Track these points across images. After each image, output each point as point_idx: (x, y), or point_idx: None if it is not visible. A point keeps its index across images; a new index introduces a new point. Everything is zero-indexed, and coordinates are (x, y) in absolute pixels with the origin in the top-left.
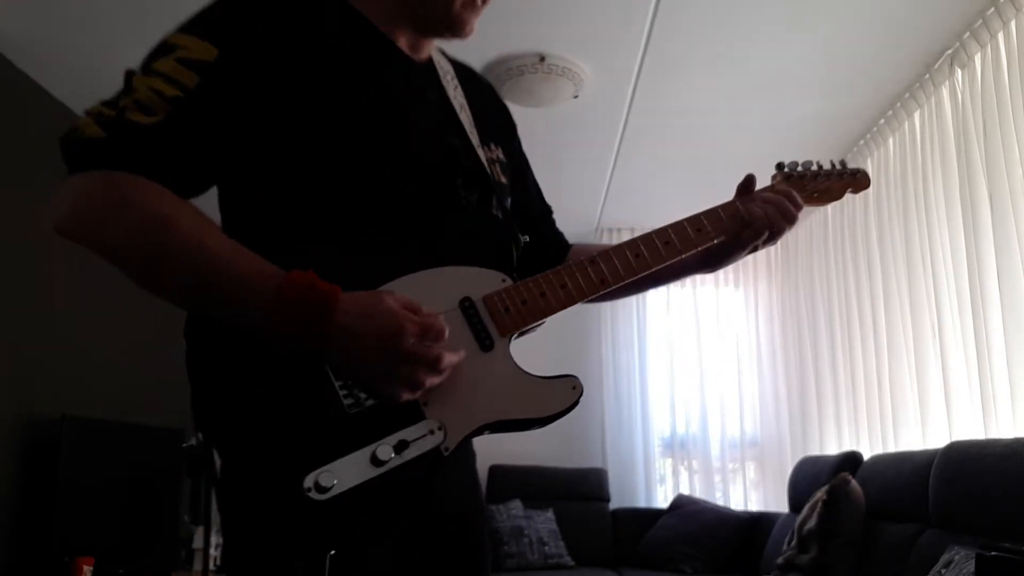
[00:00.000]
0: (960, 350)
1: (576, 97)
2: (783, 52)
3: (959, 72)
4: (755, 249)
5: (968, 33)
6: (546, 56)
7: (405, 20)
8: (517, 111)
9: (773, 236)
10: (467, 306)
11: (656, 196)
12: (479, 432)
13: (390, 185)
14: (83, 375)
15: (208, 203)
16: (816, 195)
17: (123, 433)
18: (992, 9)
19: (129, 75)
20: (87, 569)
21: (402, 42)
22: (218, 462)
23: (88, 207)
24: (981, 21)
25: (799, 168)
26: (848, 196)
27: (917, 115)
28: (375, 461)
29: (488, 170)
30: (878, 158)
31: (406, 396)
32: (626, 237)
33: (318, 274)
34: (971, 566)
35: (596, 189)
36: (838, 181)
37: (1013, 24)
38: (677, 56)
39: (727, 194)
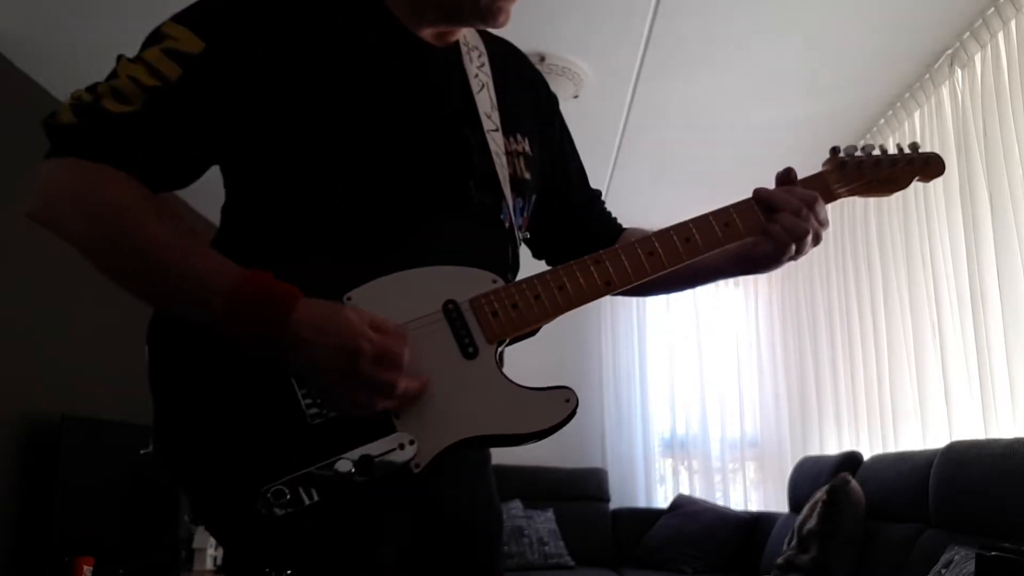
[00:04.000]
0: (960, 350)
1: (576, 97)
2: (783, 52)
3: (959, 72)
4: (799, 252)
5: (968, 33)
6: (546, 56)
7: (434, 11)
8: None
9: (796, 239)
10: (451, 309)
11: (656, 196)
12: (458, 448)
13: (382, 187)
14: (83, 375)
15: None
16: (876, 184)
17: (123, 433)
18: (992, 9)
19: (118, 60)
20: (87, 569)
21: (426, 31)
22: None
23: (53, 194)
24: (981, 21)
25: (857, 153)
26: (842, 199)
27: (917, 115)
28: (335, 477)
29: (504, 163)
30: None
31: (363, 415)
32: None
33: (304, 285)
34: (971, 566)
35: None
36: (905, 168)
37: (1013, 24)
38: (677, 56)
39: (727, 194)
